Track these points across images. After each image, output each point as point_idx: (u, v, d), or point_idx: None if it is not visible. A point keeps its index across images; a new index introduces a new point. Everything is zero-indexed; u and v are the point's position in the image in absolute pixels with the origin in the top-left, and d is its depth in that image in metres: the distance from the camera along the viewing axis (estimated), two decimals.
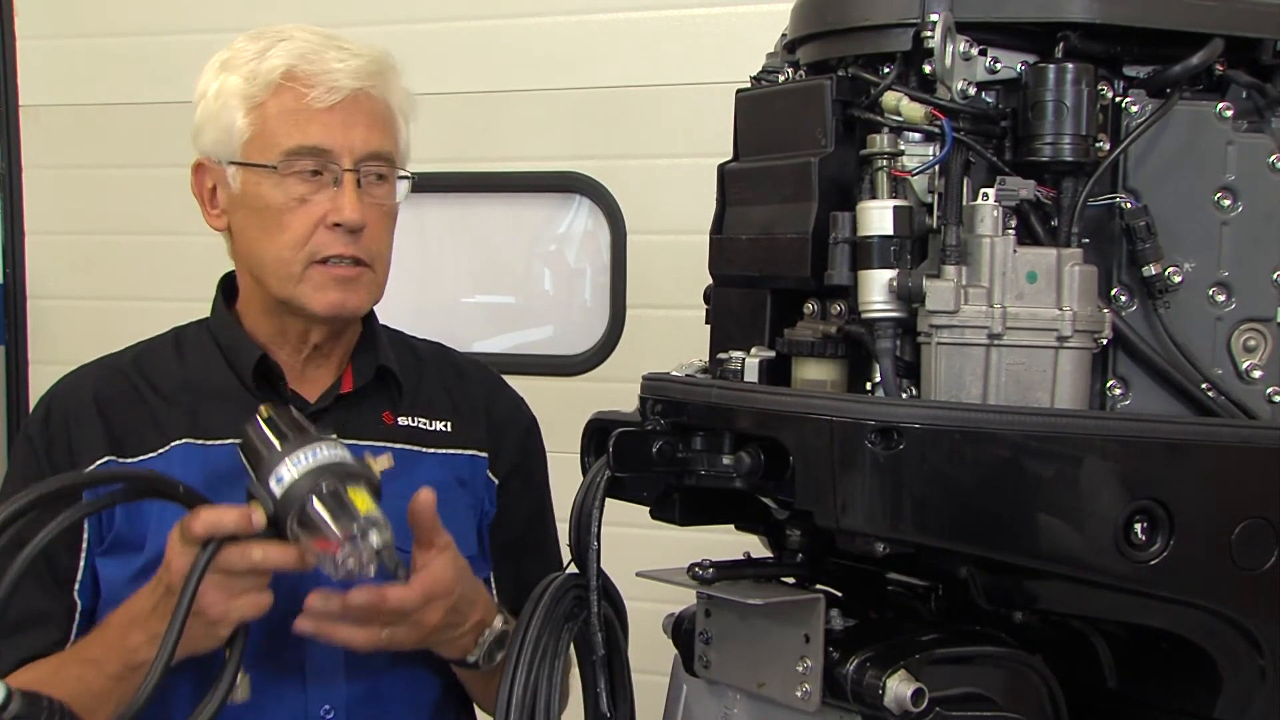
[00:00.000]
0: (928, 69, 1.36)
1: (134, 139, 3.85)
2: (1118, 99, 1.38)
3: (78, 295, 4.02)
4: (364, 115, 1.81)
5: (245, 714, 1.66)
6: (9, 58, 3.99)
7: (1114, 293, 1.38)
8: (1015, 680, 1.43)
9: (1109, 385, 1.37)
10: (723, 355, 1.47)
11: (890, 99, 1.36)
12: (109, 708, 1.65)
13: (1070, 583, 1.32)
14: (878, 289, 1.33)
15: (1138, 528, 1.29)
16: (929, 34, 1.34)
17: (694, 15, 3.42)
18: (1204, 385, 1.38)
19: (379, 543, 1.50)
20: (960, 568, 1.38)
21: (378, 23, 3.43)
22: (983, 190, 1.33)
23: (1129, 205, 1.36)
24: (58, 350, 3.95)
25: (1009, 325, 1.30)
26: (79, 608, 1.81)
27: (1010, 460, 1.27)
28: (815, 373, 1.40)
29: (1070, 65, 1.34)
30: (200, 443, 1.82)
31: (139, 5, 3.92)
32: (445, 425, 1.95)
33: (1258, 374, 1.41)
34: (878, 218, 1.34)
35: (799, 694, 1.40)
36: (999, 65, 1.37)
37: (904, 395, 1.33)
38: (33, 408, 1.93)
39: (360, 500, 1.53)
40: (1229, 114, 1.39)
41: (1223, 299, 1.40)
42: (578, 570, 1.51)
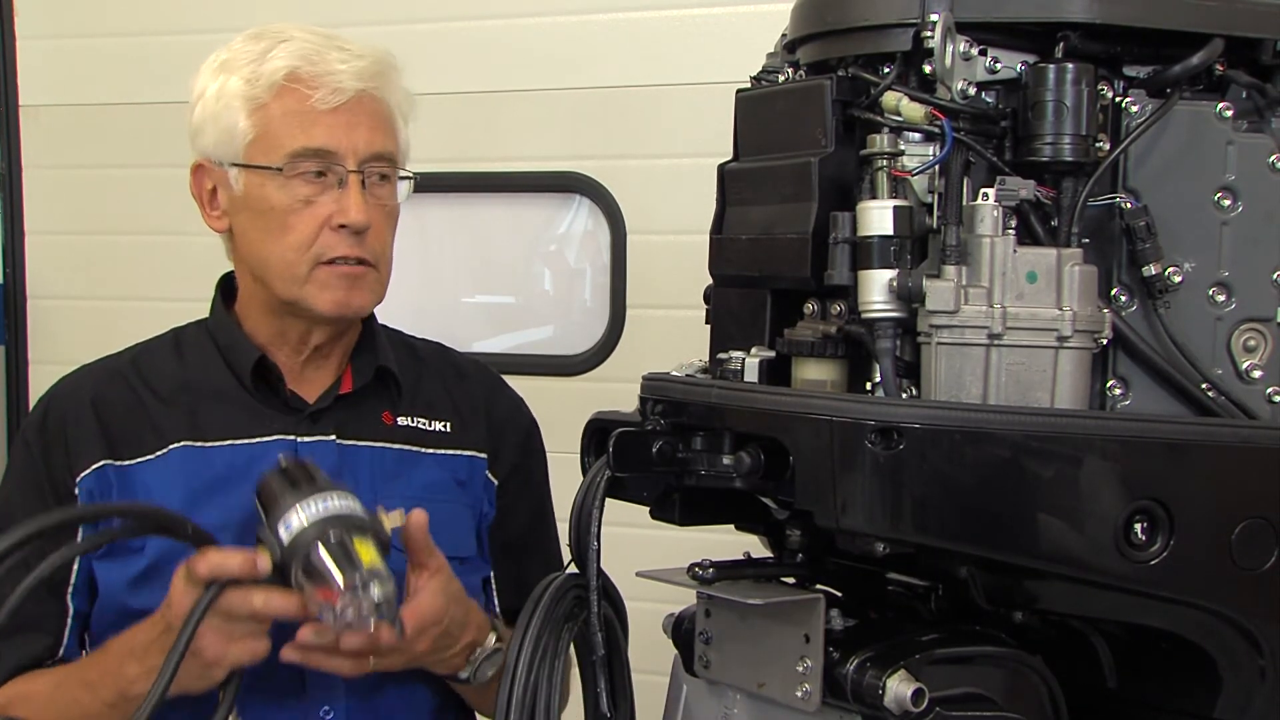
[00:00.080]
0: (928, 69, 1.36)
1: (134, 139, 3.85)
2: (1118, 99, 1.38)
3: (78, 295, 4.02)
4: (367, 116, 1.81)
5: (246, 714, 1.67)
6: (9, 58, 3.98)
7: (1114, 293, 1.38)
8: (1015, 680, 1.43)
9: (1109, 385, 1.37)
10: (723, 355, 1.47)
11: (890, 99, 1.36)
12: None
13: (1070, 583, 1.32)
14: (878, 289, 1.33)
15: (1138, 528, 1.29)
16: (929, 34, 1.34)
17: (694, 15, 3.42)
18: (1204, 385, 1.37)
19: (380, 595, 1.51)
20: (960, 568, 1.38)
21: (378, 23, 3.43)
22: (983, 190, 1.33)
23: (1129, 205, 1.36)
24: (58, 350, 3.95)
25: (1009, 325, 1.30)
26: (71, 611, 1.81)
27: (1010, 460, 1.26)
28: (815, 373, 1.40)
29: (1070, 65, 1.34)
30: (199, 444, 1.82)
31: (139, 5, 3.92)
32: (445, 426, 1.95)
33: (1258, 374, 1.40)
34: (878, 218, 1.34)
35: (799, 694, 1.40)
36: (999, 65, 1.37)
37: (904, 395, 1.33)
38: (31, 409, 1.93)
39: (365, 552, 1.54)
40: (1229, 114, 1.39)
41: (1223, 299, 1.39)
42: (578, 570, 1.51)
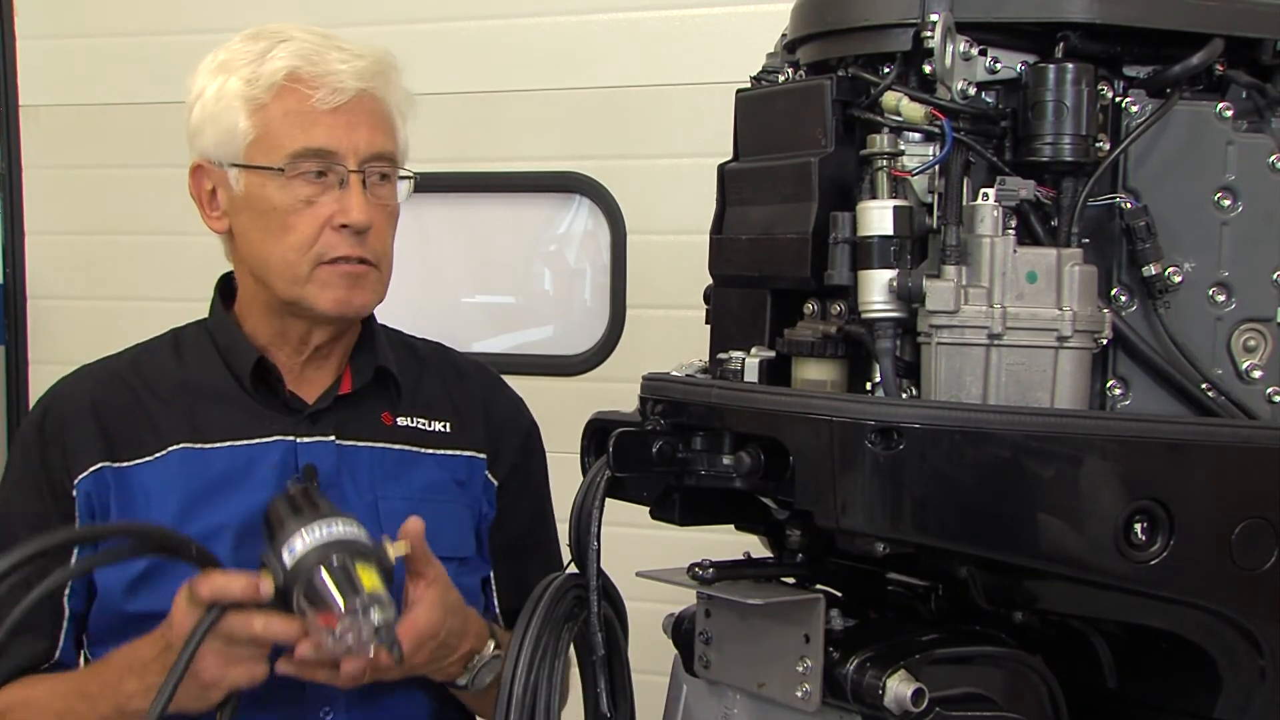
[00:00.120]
0: (928, 69, 1.36)
1: (134, 139, 3.85)
2: (1118, 99, 1.38)
3: (78, 295, 4.02)
4: (367, 116, 1.81)
5: (246, 713, 1.67)
6: (9, 58, 3.98)
7: (1114, 293, 1.38)
8: (1015, 680, 1.43)
9: (1109, 385, 1.37)
10: (723, 355, 1.47)
11: (890, 99, 1.36)
12: None
13: (1070, 583, 1.32)
14: (878, 289, 1.33)
15: (1138, 528, 1.29)
16: (929, 34, 1.34)
17: (694, 15, 3.42)
18: (1204, 385, 1.37)
19: (380, 620, 1.51)
20: (960, 568, 1.38)
21: (378, 23, 3.43)
22: (983, 190, 1.33)
23: (1129, 205, 1.36)
24: (58, 350, 3.95)
25: (1009, 325, 1.30)
26: (67, 614, 1.81)
27: (1010, 460, 1.26)
28: (815, 373, 1.40)
29: (1070, 65, 1.34)
30: (198, 446, 1.82)
31: (139, 5, 3.92)
32: (444, 426, 1.95)
33: (1258, 374, 1.40)
34: (878, 218, 1.34)
35: (799, 694, 1.40)
36: (999, 65, 1.37)
37: (904, 395, 1.33)
38: (30, 411, 1.93)
39: (367, 577, 1.54)
40: (1229, 114, 1.39)
41: (1223, 299, 1.39)
42: (578, 570, 1.51)
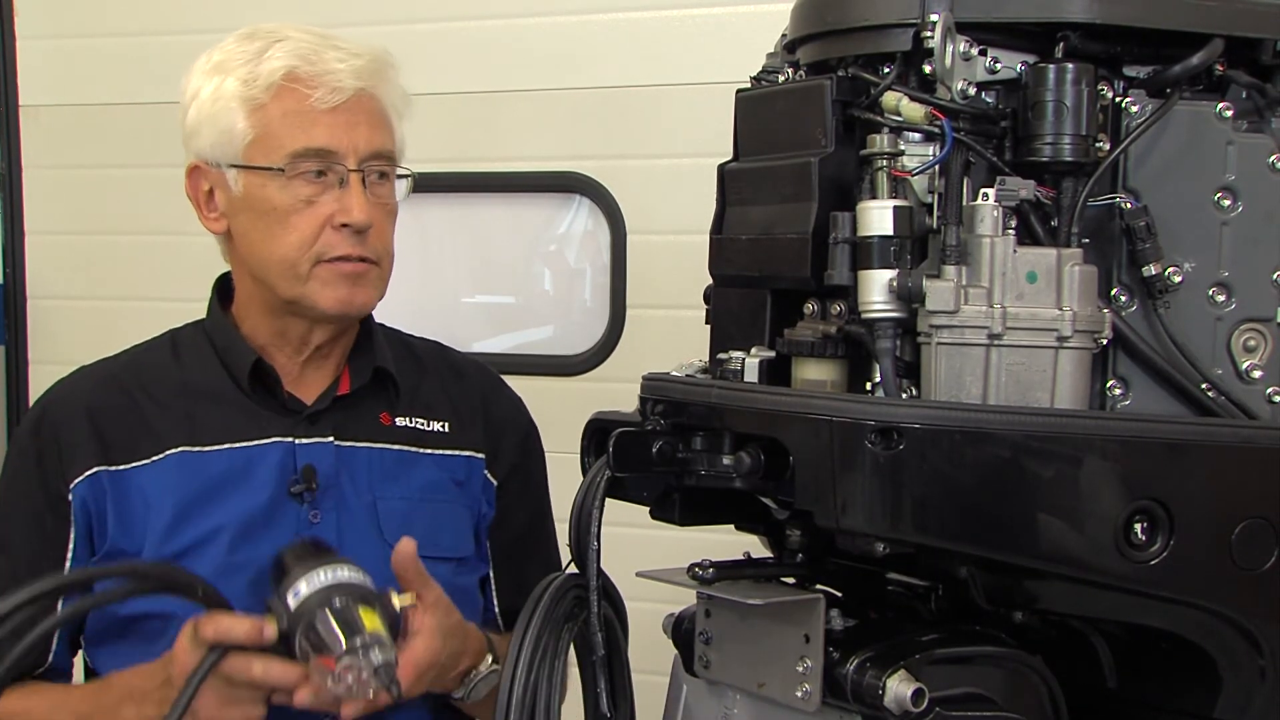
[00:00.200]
0: (928, 69, 1.36)
1: (134, 139, 3.85)
2: (1118, 99, 1.38)
3: (78, 295, 4.02)
4: (366, 115, 1.81)
5: None
6: (9, 58, 3.98)
7: (1114, 293, 1.38)
8: (1015, 680, 1.43)
9: (1109, 385, 1.37)
10: (723, 355, 1.47)
11: (890, 99, 1.36)
12: None
13: (1070, 583, 1.32)
14: (878, 289, 1.33)
15: (1138, 528, 1.29)
16: (929, 34, 1.34)
17: (694, 15, 3.42)
18: (1204, 385, 1.37)
19: (380, 660, 1.52)
20: (960, 568, 1.38)
21: (377, 23, 3.43)
22: (983, 190, 1.33)
23: (1129, 205, 1.36)
24: (58, 350, 3.95)
25: (1009, 325, 1.30)
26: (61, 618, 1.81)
27: (1010, 460, 1.26)
28: (815, 373, 1.40)
29: (1070, 65, 1.34)
30: (196, 449, 1.82)
31: (139, 5, 3.92)
32: (443, 426, 1.95)
33: (1258, 374, 1.40)
34: (878, 218, 1.34)
35: (799, 694, 1.40)
36: (999, 65, 1.37)
37: (904, 395, 1.33)
38: (26, 414, 1.93)
39: (369, 619, 1.55)
40: (1229, 114, 1.39)
41: (1223, 299, 1.39)
42: (578, 570, 1.51)
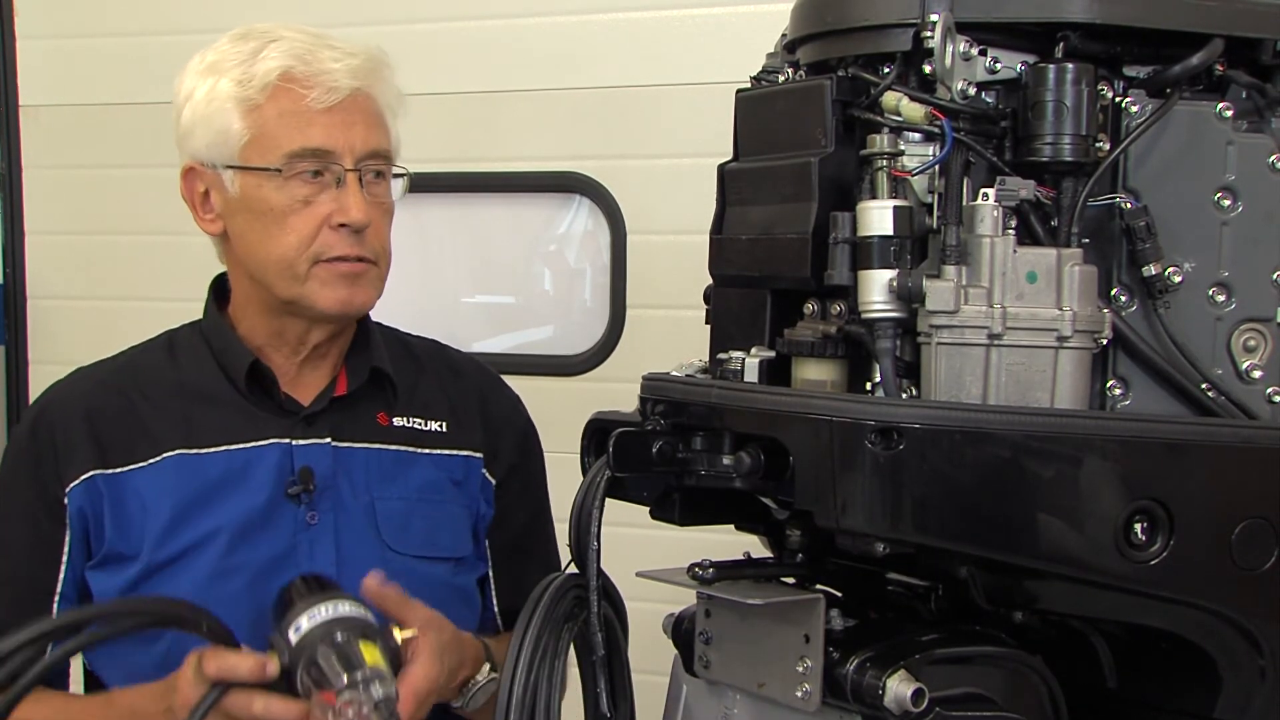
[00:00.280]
0: (928, 69, 1.36)
1: (134, 139, 3.85)
2: (1118, 99, 1.38)
3: (78, 295, 4.02)
4: (361, 114, 1.81)
5: None
6: (9, 58, 3.98)
7: (1114, 293, 1.38)
8: (1015, 680, 1.43)
9: (1109, 385, 1.37)
10: (723, 355, 1.47)
11: (890, 99, 1.36)
12: None
13: (1070, 583, 1.32)
14: (878, 289, 1.33)
15: (1138, 528, 1.29)
16: (929, 34, 1.34)
17: (694, 15, 3.42)
18: (1204, 385, 1.37)
19: (380, 694, 1.52)
20: (960, 568, 1.38)
21: (378, 23, 3.43)
22: (983, 190, 1.33)
23: (1129, 205, 1.36)
24: (58, 350, 3.95)
25: (1009, 325, 1.30)
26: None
27: (1010, 460, 1.26)
28: (815, 373, 1.40)
29: (1070, 65, 1.34)
30: (193, 452, 1.82)
31: (139, 5, 3.92)
32: (440, 425, 1.95)
33: (1258, 374, 1.40)
34: (878, 218, 1.34)
35: (799, 694, 1.40)
36: (999, 65, 1.37)
37: (904, 395, 1.33)
38: (24, 414, 1.92)
39: (370, 653, 1.55)
40: (1229, 114, 1.39)
41: (1223, 299, 1.39)
42: (578, 570, 1.51)
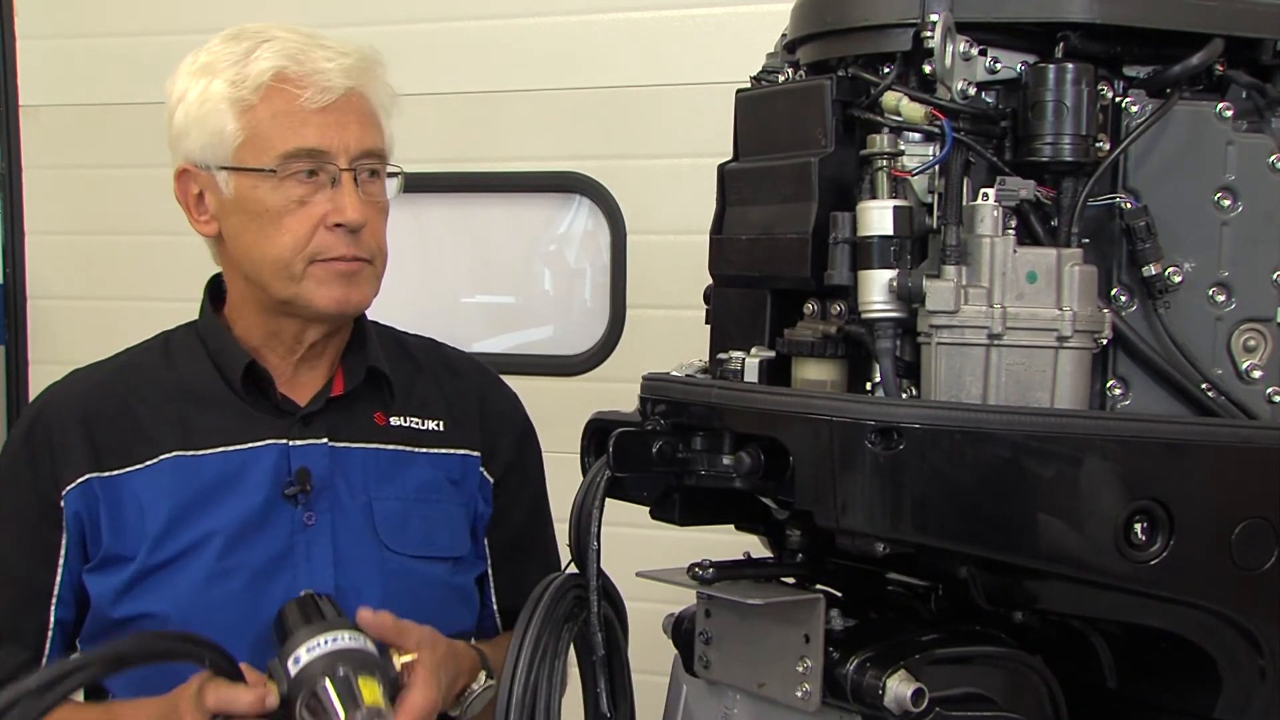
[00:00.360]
0: (928, 69, 1.36)
1: (134, 139, 3.84)
2: (1118, 99, 1.38)
3: (78, 295, 4.02)
4: (355, 114, 1.81)
5: None
6: (9, 58, 3.98)
7: (1114, 293, 1.38)
8: (1015, 680, 1.43)
9: (1109, 385, 1.37)
10: (723, 355, 1.47)
11: (890, 99, 1.36)
12: None
13: (1070, 583, 1.32)
14: (878, 289, 1.33)
15: (1138, 528, 1.29)
16: (929, 34, 1.34)
17: (694, 15, 3.42)
18: (1204, 385, 1.37)
19: None
20: (960, 568, 1.38)
21: (377, 23, 3.43)
22: (983, 190, 1.33)
23: (1129, 205, 1.36)
24: (58, 350, 3.95)
25: (1009, 325, 1.30)
26: (53, 623, 1.81)
27: (1010, 460, 1.26)
28: (815, 373, 1.40)
29: (1070, 65, 1.34)
30: (191, 454, 1.82)
31: (139, 5, 3.92)
32: (438, 424, 1.95)
33: (1258, 374, 1.40)
34: (878, 218, 1.34)
35: (799, 694, 1.40)
36: (999, 65, 1.37)
37: (904, 395, 1.33)
38: (20, 416, 1.92)
39: (369, 690, 1.55)
40: (1229, 114, 1.39)
41: (1223, 299, 1.39)
42: (578, 570, 1.51)
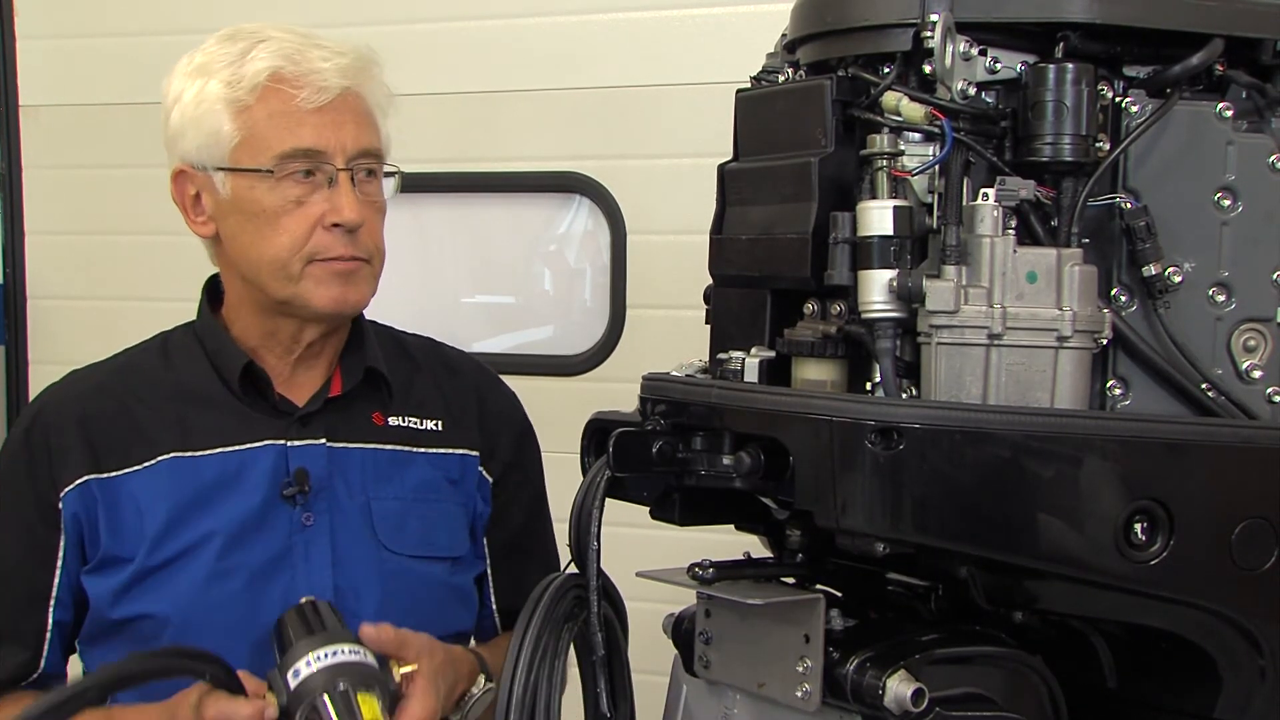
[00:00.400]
0: (928, 69, 1.36)
1: (134, 139, 3.83)
2: (1118, 99, 1.38)
3: (78, 295, 4.01)
4: (352, 113, 1.81)
5: None
6: (9, 58, 3.98)
7: (1114, 293, 1.38)
8: (1015, 680, 1.43)
9: (1109, 385, 1.37)
10: (723, 355, 1.47)
11: (890, 99, 1.36)
12: None
13: (1070, 583, 1.32)
14: (878, 289, 1.33)
15: (1138, 528, 1.29)
16: (929, 34, 1.34)
17: (694, 15, 3.42)
18: (1204, 385, 1.37)
19: None
20: (960, 568, 1.38)
21: (377, 23, 3.43)
22: (983, 190, 1.33)
23: (1129, 205, 1.36)
24: (58, 350, 3.94)
25: (1009, 325, 1.30)
26: (51, 624, 1.81)
27: (1010, 460, 1.26)
28: (815, 373, 1.40)
29: (1070, 65, 1.34)
30: (188, 454, 1.82)
31: (139, 5, 3.92)
32: (436, 424, 1.95)
33: (1258, 374, 1.40)
34: (878, 218, 1.34)
35: (799, 694, 1.40)
36: (999, 65, 1.37)
37: (904, 395, 1.33)
38: (19, 417, 1.92)
39: (368, 707, 1.56)
40: (1229, 114, 1.39)
41: (1223, 299, 1.39)
42: (578, 570, 1.51)
